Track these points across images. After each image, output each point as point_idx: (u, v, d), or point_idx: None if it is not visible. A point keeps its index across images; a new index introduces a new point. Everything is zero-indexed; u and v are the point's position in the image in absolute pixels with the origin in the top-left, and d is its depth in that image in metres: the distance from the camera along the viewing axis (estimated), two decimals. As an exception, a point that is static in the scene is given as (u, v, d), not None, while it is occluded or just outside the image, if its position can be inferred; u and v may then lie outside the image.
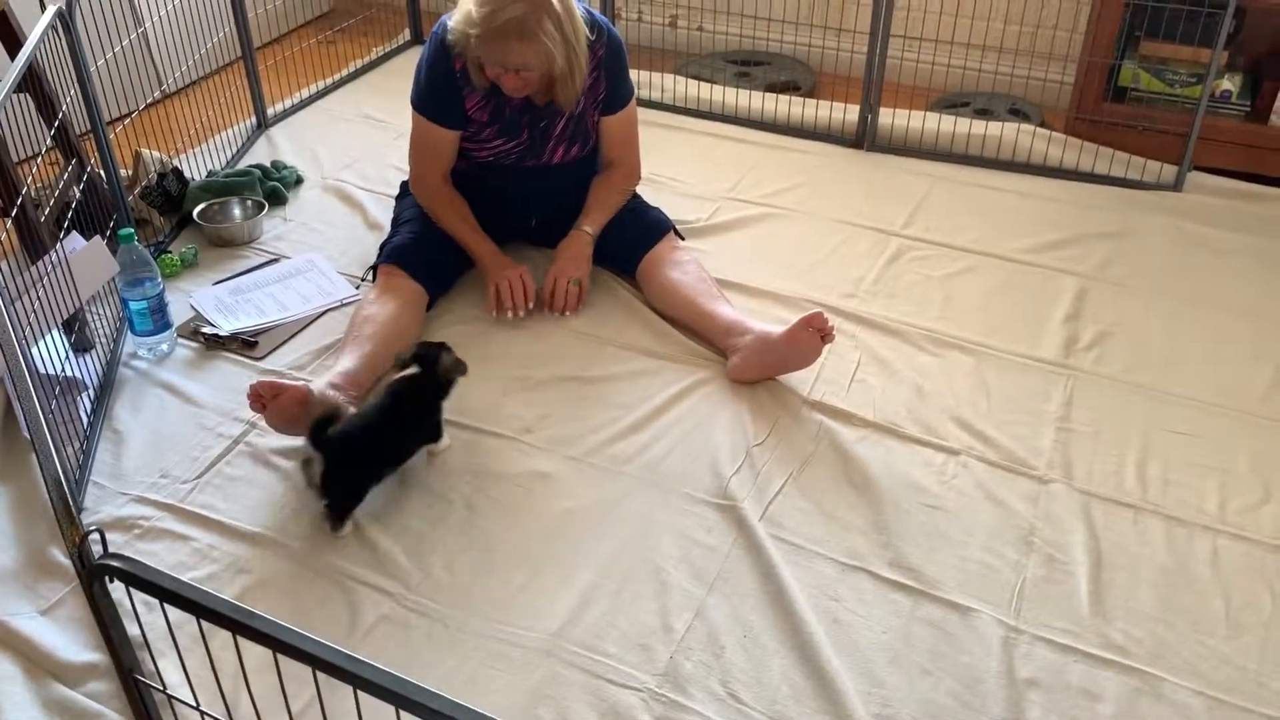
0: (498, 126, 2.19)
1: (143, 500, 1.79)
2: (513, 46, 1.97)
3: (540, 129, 2.21)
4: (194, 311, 2.25)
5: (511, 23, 1.94)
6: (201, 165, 2.73)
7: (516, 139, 2.21)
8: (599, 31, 2.12)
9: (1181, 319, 2.23)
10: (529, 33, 1.95)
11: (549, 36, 1.97)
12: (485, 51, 2.01)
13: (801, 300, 2.28)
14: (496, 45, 1.98)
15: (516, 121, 2.19)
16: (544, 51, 1.98)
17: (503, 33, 1.95)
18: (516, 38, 1.95)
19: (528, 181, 2.29)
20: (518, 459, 1.87)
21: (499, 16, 1.94)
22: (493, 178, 2.27)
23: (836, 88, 3.21)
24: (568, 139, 2.23)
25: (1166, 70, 2.79)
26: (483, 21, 1.95)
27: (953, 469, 1.85)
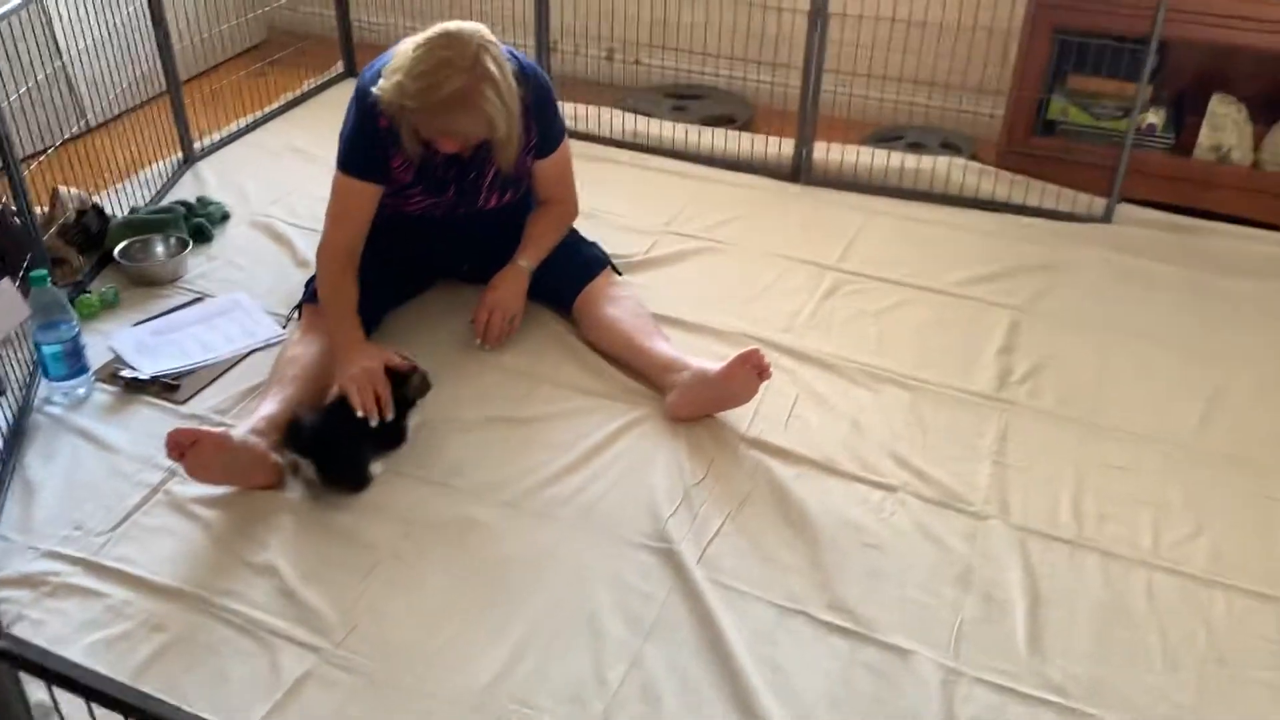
0: (423, 185, 2.14)
1: (54, 555, 1.71)
2: (456, 119, 1.91)
3: (469, 181, 2.16)
4: (113, 354, 2.17)
5: (453, 96, 1.86)
6: (124, 202, 2.65)
7: (444, 195, 2.17)
8: (525, 79, 2.04)
9: (1113, 350, 2.25)
10: (471, 104, 1.88)
11: (490, 104, 1.89)
12: (424, 122, 1.93)
13: (739, 335, 2.26)
14: (439, 117, 1.90)
15: (443, 179, 2.13)
16: (486, 119, 1.91)
17: (445, 106, 1.88)
18: (459, 109, 1.89)
19: (459, 228, 2.25)
20: (447, 505, 1.82)
21: (439, 90, 1.86)
22: (423, 225, 2.23)
23: (773, 121, 3.22)
24: (499, 187, 2.19)
25: (1094, 104, 2.83)
26: (420, 95, 1.87)
27: (890, 506, 1.84)
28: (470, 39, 1.89)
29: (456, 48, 1.87)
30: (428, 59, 1.86)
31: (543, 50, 3.07)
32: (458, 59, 1.86)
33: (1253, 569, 1.73)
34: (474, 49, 1.88)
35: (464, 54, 1.87)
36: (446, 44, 1.88)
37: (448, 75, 1.86)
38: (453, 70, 1.86)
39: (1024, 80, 2.81)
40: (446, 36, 1.89)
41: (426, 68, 1.86)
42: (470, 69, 1.87)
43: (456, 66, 1.86)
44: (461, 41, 1.88)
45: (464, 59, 1.87)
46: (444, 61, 1.86)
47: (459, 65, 1.86)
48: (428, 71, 1.86)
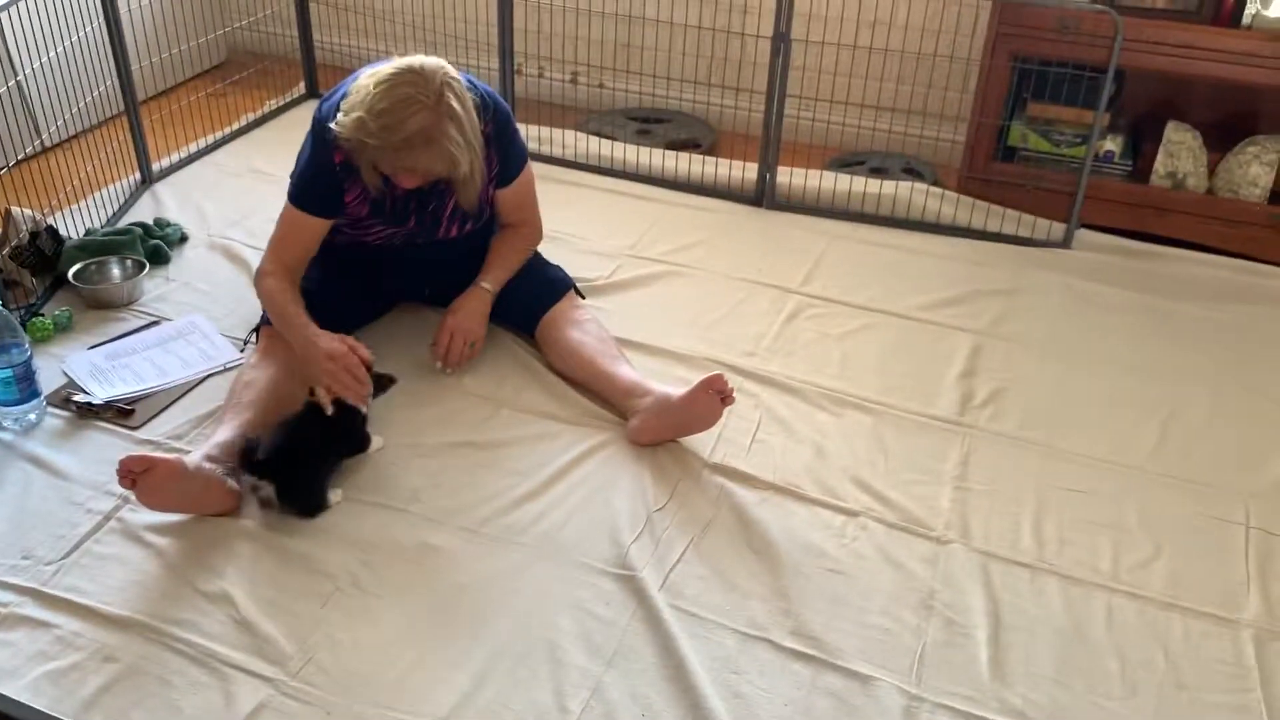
0: (380, 219, 2.12)
1: (2, 585, 1.67)
2: (418, 156, 1.87)
3: (429, 212, 2.13)
4: (66, 378, 2.13)
5: (416, 135, 1.83)
6: (80, 223, 2.61)
7: (403, 226, 2.14)
8: (485, 109, 2.03)
9: (1072, 375, 2.27)
10: (434, 141, 1.85)
11: (453, 142, 1.86)
12: (385, 159, 1.90)
13: (702, 359, 2.26)
14: (400, 155, 1.87)
15: (402, 210, 2.11)
16: (449, 157, 1.88)
17: (407, 144, 1.84)
18: (422, 147, 1.85)
19: (420, 255, 2.23)
20: (407, 531, 1.80)
21: (401, 129, 1.82)
22: (382, 253, 2.21)
23: (736, 145, 3.23)
24: (460, 217, 2.17)
25: (1053, 131, 2.87)
26: (382, 132, 1.83)
27: (852, 531, 1.84)
28: (434, 75, 1.86)
29: (420, 84, 1.84)
30: (390, 95, 1.83)
31: (507, 73, 3.07)
32: (421, 95, 1.84)
33: (1209, 592, 1.74)
34: (438, 85, 1.85)
35: (427, 90, 1.84)
36: (410, 80, 1.84)
37: (411, 112, 1.83)
38: (416, 107, 1.83)
39: (984, 107, 2.84)
40: (410, 72, 1.85)
41: (388, 104, 1.83)
42: (434, 106, 1.84)
43: (420, 103, 1.83)
44: (425, 78, 1.85)
45: (428, 96, 1.84)
46: (407, 99, 1.83)
47: (422, 102, 1.83)
48: (390, 109, 1.82)
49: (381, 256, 2.21)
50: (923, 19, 3.07)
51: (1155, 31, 2.60)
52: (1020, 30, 2.73)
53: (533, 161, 2.27)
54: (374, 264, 2.23)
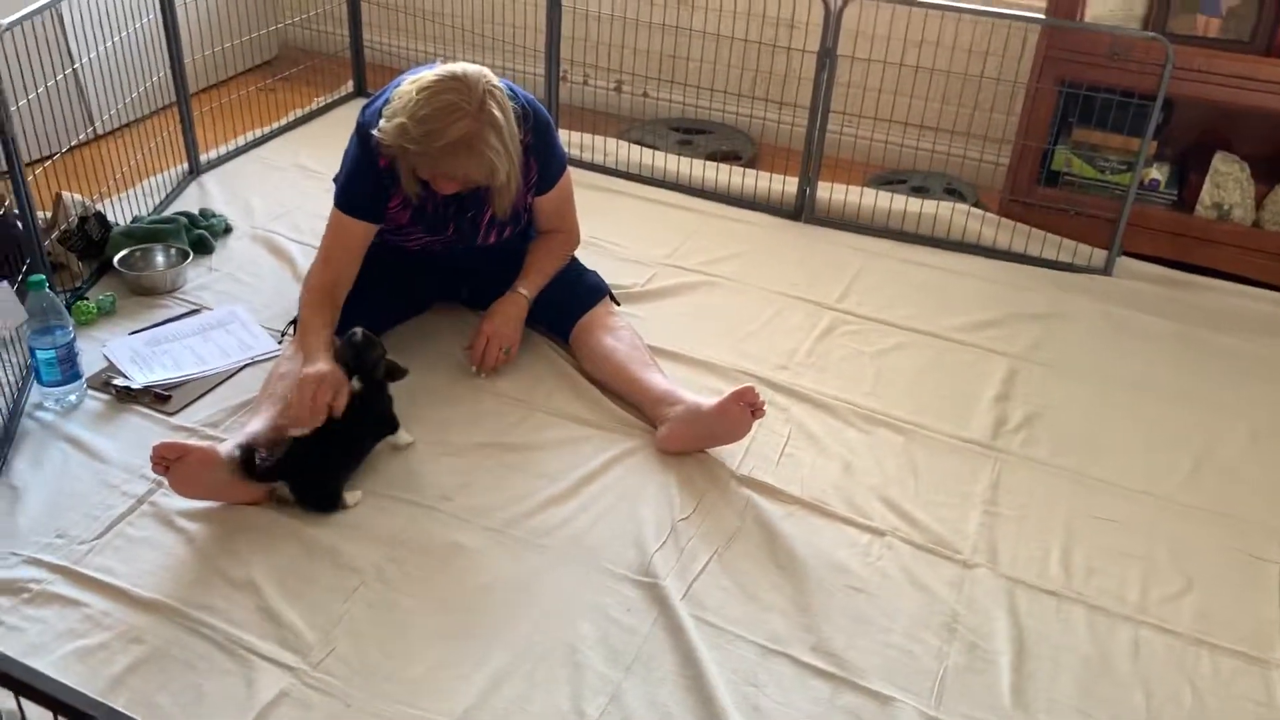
0: (421, 225, 2.14)
1: (35, 562, 1.70)
2: (459, 162, 1.89)
3: (468, 219, 2.15)
4: (107, 361, 2.17)
5: (457, 142, 1.85)
6: (127, 210, 2.66)
7: (442, 234, 2.17)
8: (525, 117, 2.04)
9: (1108, 403, 2.25)
10: (474, 149, 1.87)
11: (493, 150, 1.88)
12: (424, 165, 1.92)
13: (734, 371, 2.26)
14: (440, 161, 1.89)
15: (441, 218, 2.13)
16: (488, 165, 1.90)
17: (448, 150, 1.86)
18: (463, 154, 1.87)
19: (458, 261, 2.25)
20: (434, 529, 1.81)
21: (443, 136, 1.84)
22: (422, 257, 2.23)
23: (777, 159, 3.23)
24: (498, 225, 2.18)
25: (1098, 157, 2.85)
26: (423, 139, 1.85)
27: (878, 550, 1.83)
28: (476, 83, 1.88)
29: (462, 92, 1.86)
30: (432, 101, 1.85)
31: (552, 79, 3.09)
32: (463, 103, 1.85)
33: (1239, 628, 1.72)
34: (480, 93, 1.87)
35: (469, 98, 1.86)
36: (452, 87, 1.86)
37: (452, 120, 1.85)
38: (458, 114, 1.85)
39: (1029, 130, 2.82)
40: (453, 80, 1.87)
41: (430, 111, 1.84)
42: (476, 114, 1.86)
43: (462, 110, 1.85)
44: (467, 85, 1.87)
45: (469, 103, 1.86)
46: (449, 106, 1.85)
47: (464, 109, 1.85)
48: (432, 115, 1.84)
49: (421, 260, 2.24)
50: (970, 40, 3.05)
51: (1206, 61, 2.58)
52: (1069, 54, 2.71)
53: (573, 168, 2.28)
54: (413, 267, 2.25)
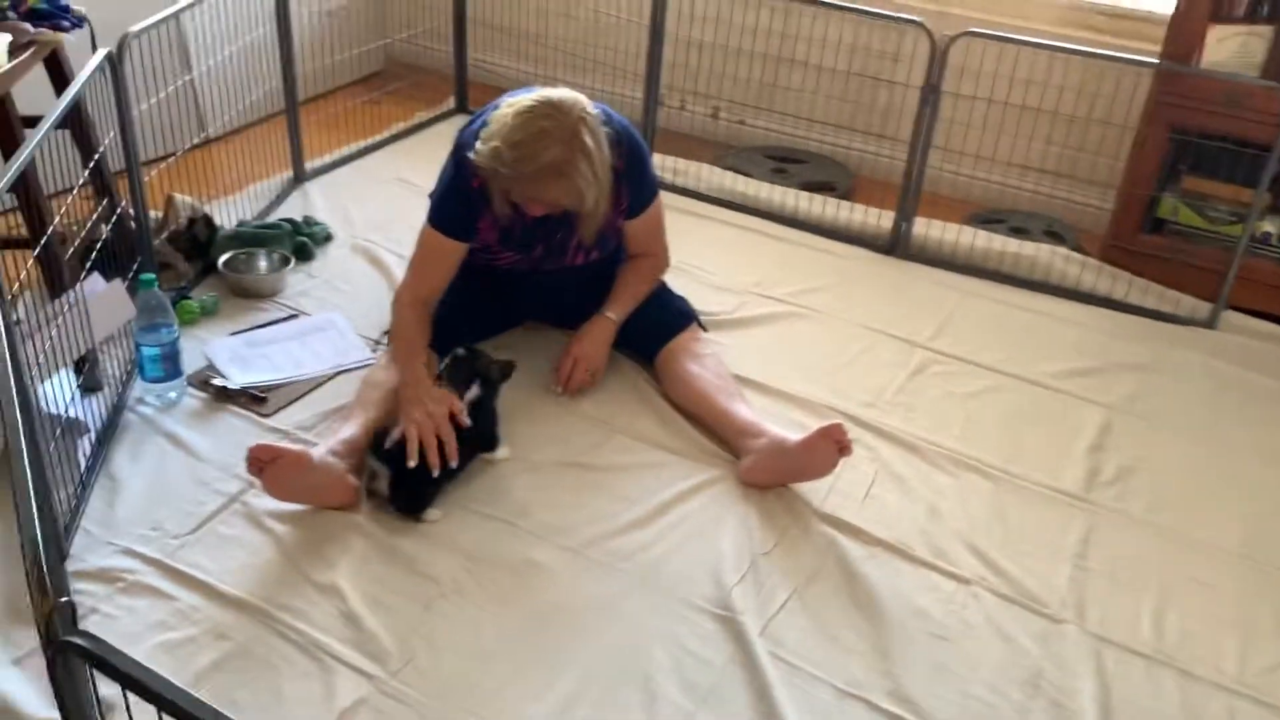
0: (508, 246, 2.17)
1: (130, 553, 1.75)
2: (549, 186, 1.92)
3: (557, 241, 2.18)
4: (207, 361, 2.23)
5: (547, 167, 1.88)
6: (233, 214, 2.74)
7: (530, 254, 2.19)
8: (619, 143, 2.05)
9: (1208, 461, 2.17)
10: (564, 175, 1.90)
11: (583, 177, 1.91)
12: (515, 188, 1.96)
13: (820, 405, 2.23)
14: (531, 185, 1.92)
15: (529, 239, 2.16)
16: (576, 191, 1.92)
17: (539, 175, 1.89)
18: (553, 179, 1.90)
19: (547, 281, 2.28)
20: (513, 544, 1.82)
21: (535, 161, 1.88)
22: (512, 276, 2.26)
23: (872, 192, 3.20)
24: (587, 248, 2.21)
25: (1207, 206, 2.77)
26: (516, 163, 1.88)
27: (962, 598, 1.79)
28: (570, 110, 1.91)
29: (556, 118, 1.89)
30: (527, 127, 1.88)
31: (651, 104, 3.11)
32: (556, 130, 1.88)
33: (1344, 709, 1.64)
34: (573, 121, 1.90)
35: (563, 125, 1.89)
36: (547, 113, 1.89)
37: (545, 145, 1.87)
38: (550, 141, 1.87)
39: (1136, 176, 2.76)
40: (548, 106, 1.90)
41: (524, 136, 1.87)
42: (568, 141, 1.88)
43: (554, 137, 1.88)
44: (561, 112, 1.90)
45: (562, 130, 1.88)
46: (542, 131, 1.88)
47: (557, 136, 1.88)
48: (525, 140, 1.87)
49: (511, 278, 2.26)
50: (1080, 81, 2.99)
51: (1328, 112, 2.49)
52: (1182, 101, 2.64)
53: (666, 193, 2.29)
54: (505, 284, 2.28)
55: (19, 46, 2.02)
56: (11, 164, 1.70)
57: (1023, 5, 3.15)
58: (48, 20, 2.10)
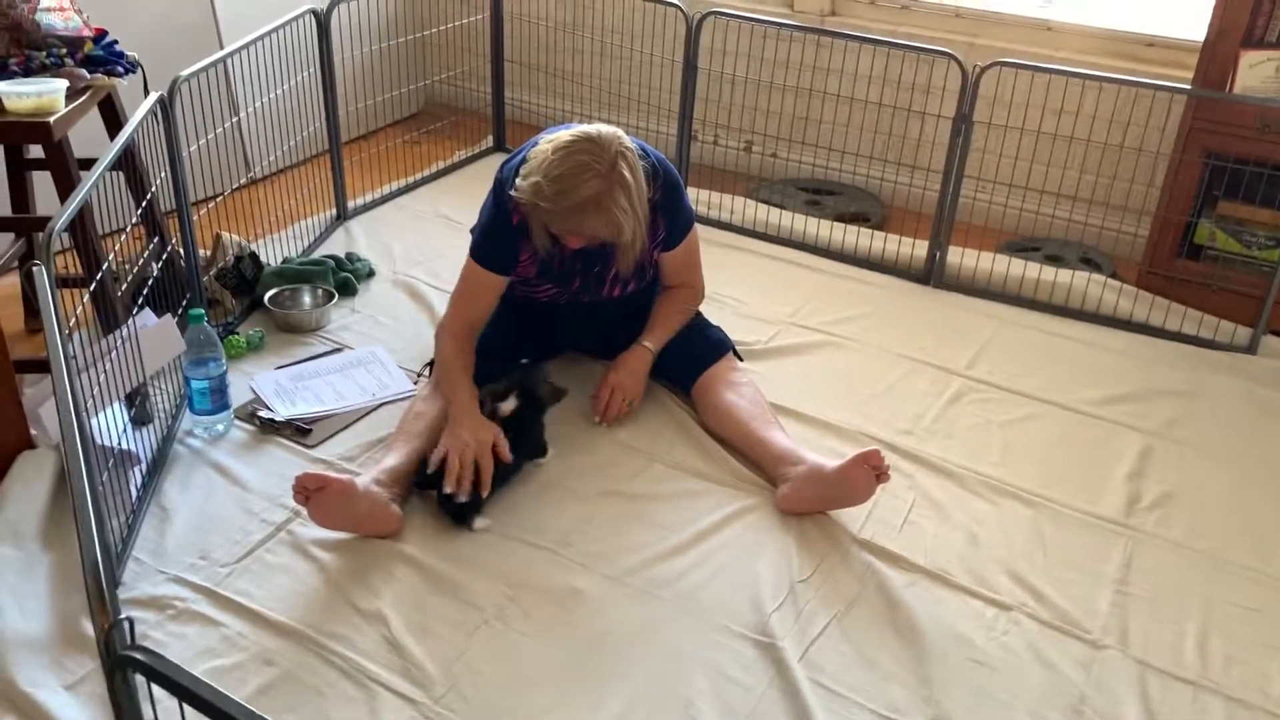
0: (548, 279, 2.21)
1: (180, 580, 1.79)
2: (588, 220, 1.96)
3: (594, 274, 2.22)
4: (254, 394, 2.28)
5: (587, 201, 1.93)
6: (279, 251, 2.80)
7: (568, 287, 2.23)
8: (655, 176, 2.10)
9: (1250, 487, 2.15)
10: (603, 208, 1.94)
11: (621, 211, 1.95)
12: (555, 222, 2.00)
13: (857, 433, 2.24)
14: (570, 219, 1.97)
15: (569, 271, 2.20)
16: (615, 224, 1.97)
17: (578, 208, 1.94)
18: (592, 212, 1.95)
19: (585, 313, 2.31)
20: (554, 572, 1.84)
21: (574, 194, 1.92)
22: (550, 309, 2.30)
23: (906, 222, 3.22)
24: (624, 279, 2.24)
25: (1244, 232, 2.76)
26: (556, 197, 1.93)
27: (1003, 625, 1.78)
28: (609, 145, 1.95)
29: (595, 153, 1.93)
30: (566, 162, 1.93)
31: (684, 138, 3.16)
32: (595, 163, 1.93)
33: (1396, 736, 1.61)
34: (611, 155, 1.94)
35: (602, 159, 1.93)
36: (585, 148, 1.94)
37: (585, 179, 1.92)
38: (590, 174, 1.92)
39: (1172, 202, 2.75)
40: (587, 141, 1.95)
41: (564, 171, 1.92)
42: (607, 174, 1.93)
43: (594, 171, 1.92)
44: (601, 147, 1.94)
45: (601, 164, 1.93)
46: (582, 166, 1.92)
47: (596, 170, 1.92)
48: (565, 175, 1.92)
49: (550, 311, 2.30)
50: (1112, 109, 3.00)
51: (1366, 136, 2.48)
52: (1216, 126, 2.65)
53: (700, 225, 2.32)
54: (542, 317, 2.31)
55: (76, 91, 2.09)
56: (68, 205, 1.76)
57: (1053, 35, 3.17)
58: (103, 66, 2.17)
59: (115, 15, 2.60)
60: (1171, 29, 3.02)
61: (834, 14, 3.43)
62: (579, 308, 2.30)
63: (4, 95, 1.97)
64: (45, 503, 1.91)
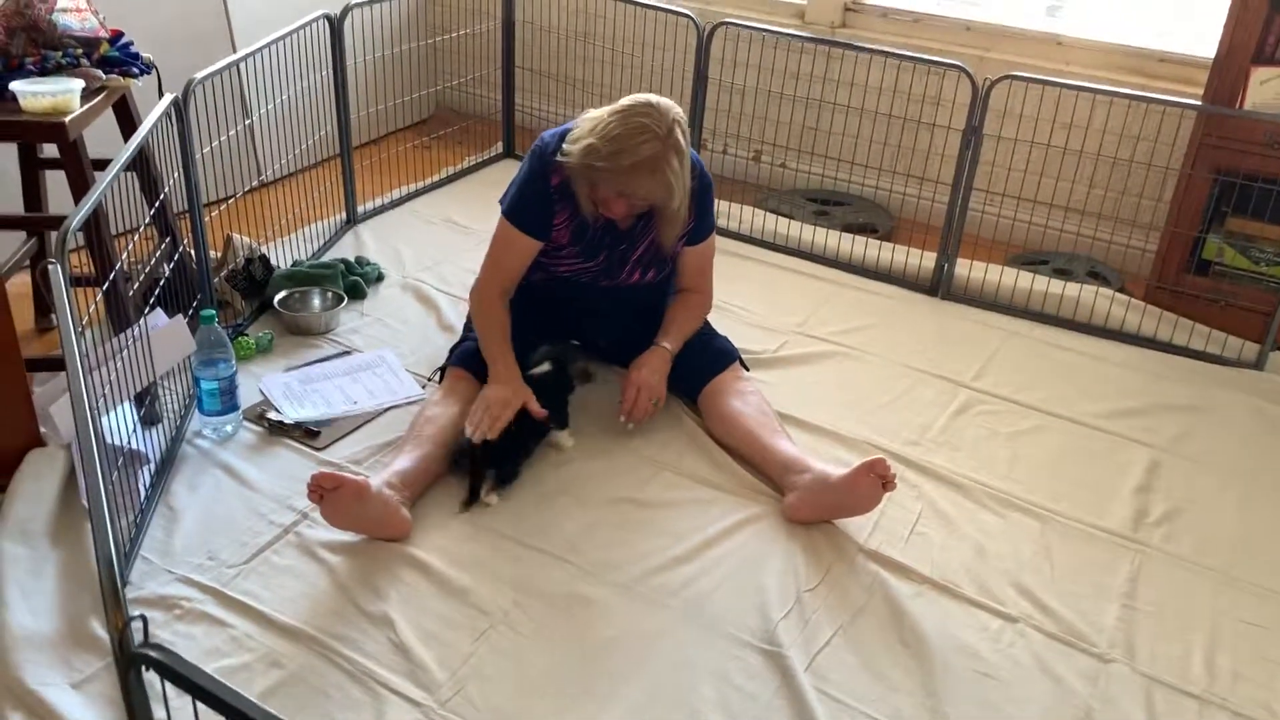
0: (578, 247, 2.22)
1: (187, 581, 1.79)
2: (642, 181, 2.00)
3: (619, 252, 2.24)
4: (262, 396, 2.29)
5: (644, 162, 1.97)
6: (289, 254, 2.81)
7: (594, 260, 2.24)
8: (693, 168, 2.15)
9: (1257, 503, 2.15)
10: (659, 170, 1.99)
11: (675, 174, 2.00)
12: (609, 182, 2.03)
13: (863, 443, 2.24)
14: (625, 179, 2.00)
15: (597, 243, 2.22)
16: (668, 186, 2.01)
17: (635, 169, 1.98)
18: (648, 174, 1.99)
19: (600, 300, 2.31)
20: (562, 579, 1.84)
21: (632, 154, 1.97)
22: (566, 292, 2.30)
23: (914, 234, 3.22)
24: (644, 264, 2.26)
25: (1253, 248, 2.76)
26: (612, 157, 1.98)
27: (1009, 636, 1.78)
28: (667, 111, 2.01)
29: (654, 117, 1.99)
30: (625, 123, 1.98)
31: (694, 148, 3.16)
32: (654, 126, 1.98)
33: (1403, 754, 1.61)
34: (670, 121, 2.00)
35: (660, 123, 1.98)
36: (645, 111, 1.99)
37: (643, 140, 1.97)
38: (648, 136, 1.97)
39: (1180, 217, 2.76)
40: (646, 105, 2.01)
41: (622, 131, 1.97)
42: (664, 138, 1.98)
43: (652, 133, 1.97)
44: (659, 111, 2.00)
45: (660, 127, 1.98)
46: (641, 128, 1.97)
47: (655, 132, 1.97)
48: (623, 135, 1.97)
49: (564, 296, 2.30)
50: (1122, 124, 3.01)
51: (1376, 154, 2.49)
52: (1224, 142, 2.65)
53: (713, 233, 2.33)
54: (556, 307, 2.31)
55: (91, 92, 2.10)
56: (82, 205, 1.76)
57: (1063, 49, 3.18)
58: (118, 66, 2.18)
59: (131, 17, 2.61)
60: (1182, 45, 3.03)
61: (845, 25, 3.44)
62: (593, 294, 2.30)
63: (20, 94, 1.98)
64: (54, 501, 1.91)
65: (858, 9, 3.43)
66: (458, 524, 1.94)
